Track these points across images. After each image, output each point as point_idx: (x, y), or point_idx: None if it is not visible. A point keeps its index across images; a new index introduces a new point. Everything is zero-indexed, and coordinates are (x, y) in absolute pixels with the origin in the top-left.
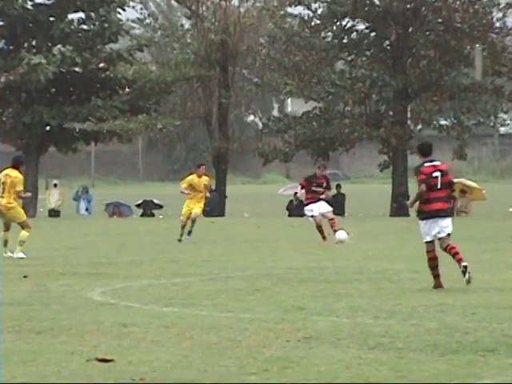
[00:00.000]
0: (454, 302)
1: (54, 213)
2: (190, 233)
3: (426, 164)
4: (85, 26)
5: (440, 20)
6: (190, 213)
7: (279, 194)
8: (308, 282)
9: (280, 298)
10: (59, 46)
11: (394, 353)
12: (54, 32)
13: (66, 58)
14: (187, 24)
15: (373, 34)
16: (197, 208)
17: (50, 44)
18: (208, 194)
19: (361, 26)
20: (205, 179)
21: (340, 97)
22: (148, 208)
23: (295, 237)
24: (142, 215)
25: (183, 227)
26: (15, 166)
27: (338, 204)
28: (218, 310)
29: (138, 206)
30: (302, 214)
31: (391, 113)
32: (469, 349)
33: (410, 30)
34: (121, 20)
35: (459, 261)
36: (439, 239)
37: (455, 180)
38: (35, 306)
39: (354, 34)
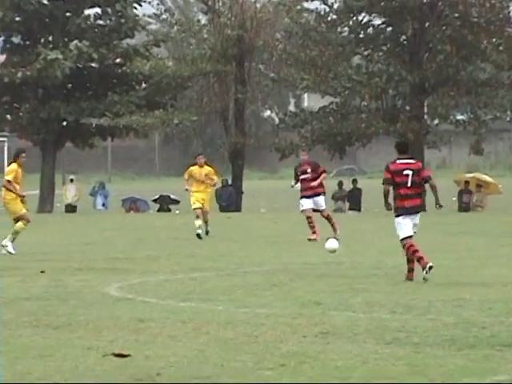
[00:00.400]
0: (471, 297)
1: (70, 208)
2: (207, 233)
3: (399, 161)
4: (101, 22)
5: (457, 15)
6: (202, 207)
7: (295, 189)
8: (325, 277)
9: (297, 293)
10: (76, 41)
11: (411, 348)
12: (70, 27)
13: (83, 54)
14: (204, 19)
15: (389, 28)
16: (206, 205)
17: (66, 39)
18: (211, 187)
19: (377, 21)
20: (207, 169)
21: (356, 92)
22: (165, 203)
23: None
24: (158, 210)
25: (198, 217)
26: (14, 159)
27: (354, 199)
28: (234, 305)
29: (155, 201)
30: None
31: (408, 108)
32: (486, 343)
33: (426, 24)
34: (137, 15)
35: (413, 261)
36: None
37: (470, 175)
38: (52, 300)
39: (371, 28)
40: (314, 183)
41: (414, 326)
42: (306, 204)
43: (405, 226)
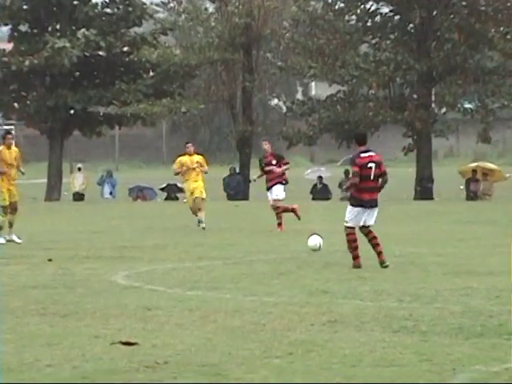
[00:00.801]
0: (478, 286)
1: (78, 196)
2: (200, 222)
3: (362, 155)
4: (109, 10)
5: (464, 3)
6: (195, 197)
7: (303, 178)
8: (332, 266)
9: (304, 282)
10: (83, 29)
11: (418, 336)
12: (78, 15)
13: (90, 42)
14: (211, 7)
15: (397, 17)
16: (198, 192)
17: (74, 28)
18: (204, 171)
19: (385, 9)
20: (197, 157)
21: (364, 80)
22: (172, 192)
23: (319, 220)
24: (166, 199)
25: (195, 212)
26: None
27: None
28: (242, 293)
29: (162, 189)
30: (326, 198)
31: (415, 96)
32: (493, 332)
33: (434, 13)
34: (145, 4)
35: (380, 254)
36: (363, 226)
37: (473, 164)
38: (60, 289)
39: (378, 17)
40: (278, 170)
41: (422, 314)
42: (270, 197)
43: (358, 216)
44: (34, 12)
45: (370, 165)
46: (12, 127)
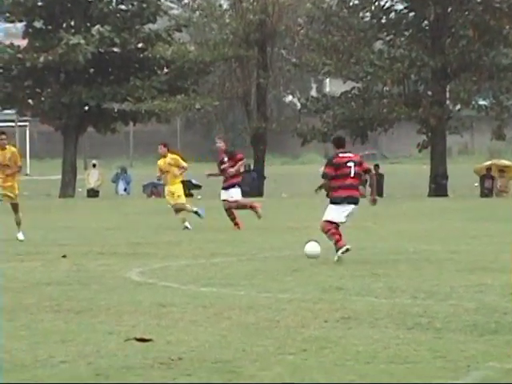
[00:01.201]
0: (492, 282)
1: (92, 193)
2: (197, 213)
3: (341, 154)
4: (123, 6)
5: (479, 0)
6: (175, 202)
7: (318, 174)
8: (346, 263)
9: (318, 279)
10: (98, 26)
11: (433, 333)
12: (92, 12)
13: (105, 39)
14: (226, 4)
15: (411, 13)
16: (178, 197)
17: (88, 24)
18: (180, 174)
19: (399, 6)
20: (170, 158)
21: (378, 77)
22: (186, 188)
23: None
24: None
25: (177, 212)
26: None
27: (376, 184)
28: (256, 290)
29: None
30: None
31: (430, 93)
32: (508, 329)
33: (449, 9)
34: (159, 0)
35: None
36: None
37: (488, 162)
38: (74, 285)
39: (393, 13)
40: (232, 171)
41: (436, 311)
42: (224, 196)
43: (336, 212)
44: (48, 8)
45: (349, 164)
46: (27, 124)
